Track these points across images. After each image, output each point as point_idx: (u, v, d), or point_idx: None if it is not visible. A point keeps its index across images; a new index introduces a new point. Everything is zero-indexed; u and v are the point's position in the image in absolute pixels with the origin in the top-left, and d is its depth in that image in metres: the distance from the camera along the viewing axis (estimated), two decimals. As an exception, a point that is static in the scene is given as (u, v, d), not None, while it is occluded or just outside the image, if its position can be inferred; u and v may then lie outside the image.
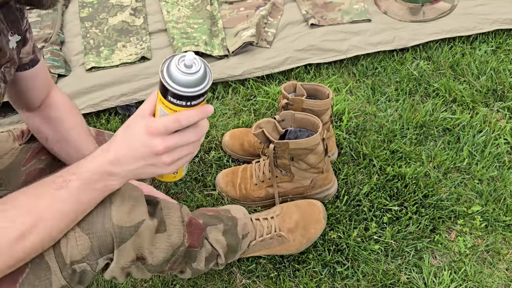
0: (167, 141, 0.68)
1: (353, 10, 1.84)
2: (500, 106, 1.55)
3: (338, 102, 1.56)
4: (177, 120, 0.67)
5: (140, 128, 0.69)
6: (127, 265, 0.83)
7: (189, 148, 0.71)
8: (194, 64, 0.66)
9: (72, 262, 0.78)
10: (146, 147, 0.68)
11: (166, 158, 0.70)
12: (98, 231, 0.77)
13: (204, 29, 1.79)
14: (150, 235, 0.84)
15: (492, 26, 1.74)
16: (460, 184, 1.36)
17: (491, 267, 1.20)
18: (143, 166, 0.71)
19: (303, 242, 1.18)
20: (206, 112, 0.68)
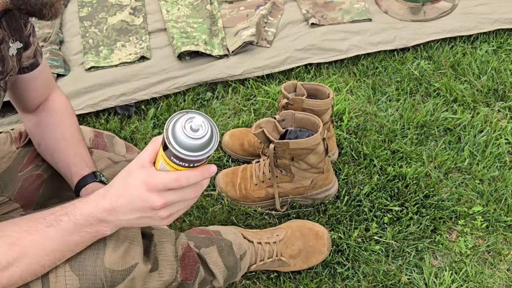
0: (166, 198, 0.68)
1: (353, 9, 1.83)
2: (501, 106, 1.55)
3: (338, 102, 1.56)
4: (177, 180, 0.66)
5: (139, 180, 0.68)
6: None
7: (187, 203, 0.70)
8: (201, 127, 0.64)
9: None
10: (144, 201, 0.68)
11: (162, 213, 0.69)
12: (88, 274, 0.76)
13: (204, 29, 1.79)
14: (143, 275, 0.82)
15: (493, 25, 1.74)
16: (461, 184, 1.35)
17: (492, 267, 1.20)
18: (138, 217, 0.70)
19: (303, 267, 1.17)
20: (208, 173, 0.67)
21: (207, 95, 1.63)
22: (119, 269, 0.77)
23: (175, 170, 0.67)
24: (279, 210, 1.28)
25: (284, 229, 1.18)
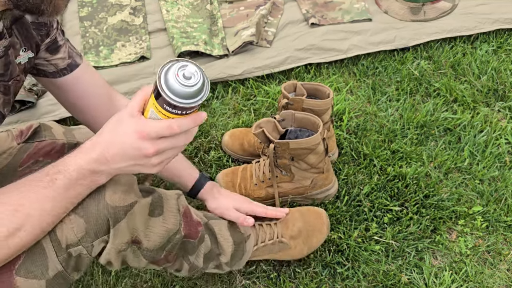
0: (158, 145, 0.69)
1: (353, 9, 1.83)
2: (501, 106, 1.55)
3: (338, 102, 1.56)
4: (169, 128, 0.68)
5: (131, 129, 0.69)
6: (122, 247, 0.84)
7: (177, 150, 0.73)
8: (194, 76, 0.65)
9: (68, 245, 0.79)
10: (137, 149, 0.69)
11: (154, 160, 0.71)
12: (92, 213, 0.78)
13: (203, 29, 1.79)
14: (144, 216, 0.85)
15: (493, 25, 1.74)
16: (461, 184, 1.35)
17: (492, 267, 1.19)
18: (130, 165, 0.72)
19: (304, 250, 1.17)
20: (200, 120, 0.69)
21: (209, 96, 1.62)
22: (121, 205, 0.80)
23: (167, 118, 0.68)
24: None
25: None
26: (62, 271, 0.81)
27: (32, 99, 1.54)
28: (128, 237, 0.83)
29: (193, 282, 1.18)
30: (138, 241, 0.86)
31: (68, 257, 0.80)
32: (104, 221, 0.80)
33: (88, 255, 0.81)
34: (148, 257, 0.89)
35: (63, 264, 0.80)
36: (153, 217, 0.87)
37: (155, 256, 0.90)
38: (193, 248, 0.98)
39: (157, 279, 1.18)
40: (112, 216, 0.80)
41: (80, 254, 0.81)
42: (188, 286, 1.18)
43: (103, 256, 0.84)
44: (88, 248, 0.80)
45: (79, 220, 0.78)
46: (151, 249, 0.88)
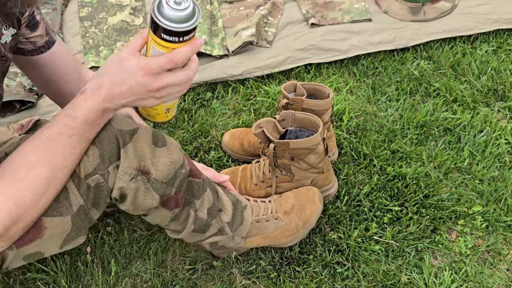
0: (161, 81, 0.74)
1: (353, 9, 1.84)
2: (501, 106, 1.55)
3: (338, 102, 1.56)
4: (171, 60, 0.72)
5: (135, 67, 0.74)
6: (133, 173, 0.87)
7: (180, 87, 0.77)
8: (183, 1, 0.71)
9: (86, 176, 0.85)
10: (142, 85, 0.75)
11: (158, 94, 0.76)
12: (103, 138, 0.85)
13: (203, 29, 1.79)
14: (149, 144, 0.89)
15: (493, 25, 1.74)
16: (460, 184, 1.35)
17: (492, 267, 1.20)
18: (135, 100, 0.78)
19: (300, 226, 1.17)
20: (197, 45, 0.74)
21: (207, 95, 1.63)
22: (125, 129, 0.87)
23: (167, 49, 0.73)
24: None
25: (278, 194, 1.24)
26: (83, 205, 0.87)
27: (32, 99, 1.54)
28: (136, 162, 0.87)
29: (193, 282, 1.18)
30: (147, 171, 0.89)
31: (88, 189, 0.86)
32: (114, 143, 0.85)
33: (105, 183, 0.87)
34: (159, 191, 0.91)
35: (84, 197, 0.86)
36: (157, 147, 0.90)
37: (166, 190, 0.92)
38: (198, 190, 1.01)
39: (157, 279, 1.18)
40: (121, 138, 0.85)
41: (97, 185, 0.86)
42: (188, 286, 1.18)
43: (117, 183, 0.88)
44: (104, 176, 0.86)
45: (93, 149, 0.84)
46: (160, 180, 0.90)
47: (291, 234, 1.17)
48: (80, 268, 1.20)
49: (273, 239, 1.18)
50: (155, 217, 0.98)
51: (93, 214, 0.91)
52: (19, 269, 1.21)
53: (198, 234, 1.07)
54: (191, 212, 1.01)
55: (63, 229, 0.88)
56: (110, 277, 1.18)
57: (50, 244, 0.90)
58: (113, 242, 1.26)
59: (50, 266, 1.20)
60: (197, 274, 1.20)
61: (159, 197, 0.92)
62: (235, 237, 1.13)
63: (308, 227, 1.18)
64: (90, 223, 0.93)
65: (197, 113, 1.57)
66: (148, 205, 0.92)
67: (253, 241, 1.17)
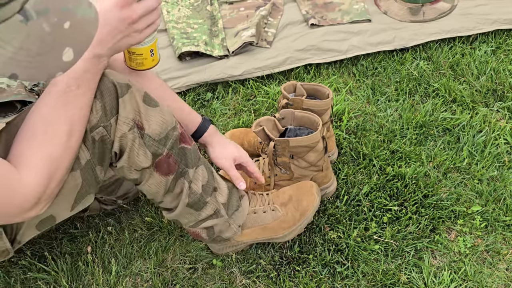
0: (137, 10, 0.82)
1: (353, 10, 1.84)
2: (500, 106, 1.55)
3: (338, 102, 1.56)
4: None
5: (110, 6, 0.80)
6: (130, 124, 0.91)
7: (154, 15, 0.85)
8: None
9: (91, 128, 0.89)
10: (122, 20, 0.81)
11: (138, 25, 0.83)
12: (103, 90, 0.89)
13: (204, 29, 1.80)
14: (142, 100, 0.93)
15: (492, 26, 1.74)
16: (460, 184, 1.36)
17: (491, 267, 1.20)
18: (121, 38, 0.84)
19: (297, 217, 1.18)
20: None
21: (208, 96, 1.63)
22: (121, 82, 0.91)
23: None
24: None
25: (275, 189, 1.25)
26: (90, 159, 0.91)
27: (33, 99, 1.55)
28: (132, 113, 0.91)
29: (193, 281, 1.19)
30: (141, 125, 0.92)
31: (93, 143, 0.90)
32: (113, 94, 0.89)
33: (108, 135, 0.90)
34: (152, 148, 0.95)
35: (90, 152, 0.90)
36: (150, 106, 0.94)
37: (158, 149, 0.95)
38: (192, 159, 1.02)
39: (157, 279, 1.19)
40: (118, 87, 0.90)
41: (101, 138, 0.90)
42: (188, 285, 1.18)
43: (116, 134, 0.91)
44: (107, 128, 0.90)
45: (95, 102, 0.88)
46: (152, 137, 0.94)
47: (288, 226, 1.18)
48: (81, 267, 1.21)
49: (270, 231, 1.18)
50: (149, 183, 1.00)
51: (98, 171, 0.94)
52: (20, 269, 1.22)
53: (193, 211, 1.07)
54: (185, 184, 1.03)
55: (74, 184, 0.91)
56: (110, 277, 1.18)
57: (63, 204, 0.93)
58: (113, 241, 1.26)
59: (51, 265, 1.21)
60: (197, 273, 1.20)
61: (151, 155, 0.95)
62: (231, 223, 1.13)
63: (305, 220, 1.19)
64: (97, 182, 0.96)
65: (197, 113, 1.57)
66: (141, 162, 0.95)
67: (251, 234, 1.17)
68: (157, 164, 0.97)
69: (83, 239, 1.27)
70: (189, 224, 1.11)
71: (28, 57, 0.59)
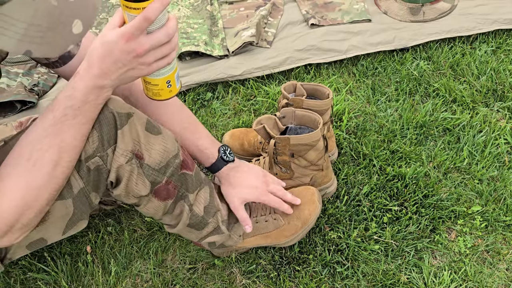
0: (143, 44, 0.75)
1: (353, 10, 1.84)
2: (500, 106, 1.55)
3: (338, 102, 1.56)
4: (144, 18, 0.72)
5: (115, 37, 0.74)
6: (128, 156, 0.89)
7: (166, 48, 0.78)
8: None
9: (86, 158, 0.86)
10: (126, 52, 0.75)
11: (145, 59, 0.77)
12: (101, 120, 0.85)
13: (204, 29, 1.79)
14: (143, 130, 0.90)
15: (492, 26, 1.74)
16: (460, 184, 1.36)
17: (491, 267, 1.20)
18: (126, 70, 0.78)
19: (299, 226, 1.17)
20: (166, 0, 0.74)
21: (208, 96, 1.63)
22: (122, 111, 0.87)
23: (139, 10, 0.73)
24: None
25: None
26: (84, 187, 0.88)
27: (33, 99, 1.55)
28: (131, 145, 0.88)
29: (194, 281, 1.19)
30: (140, 155, 0.90)
31: (88, 172, 0.87)
32: (112, 125, 0.86)
33: (104, 165, 0.88)
34: (150, 177, 0.92)
35: (84, 180, 0.88)
36: (152, 134, 0.91)
37: (157, 178, 0.93)
38: (192, 184, 1.00)
39: (157, 279, 1.19)
40: (117, 118, 0.86)
41: (97, 167, 0.88)
42: (189, 286, 1.18)
43: (113, 165, 0.89)
44: (103, 158, 0.87)
45: (92, 132, 0.85)
46: (152, 166, 0.92)
47: (290, 234, 1.18)
48: (81, 268, 1.21)
49: (272, 239, 1.18)
50: (147, 207, 0.99)
51: (93, 198, 0.92)
52: (20, 269, 1.22)
53: (194, 230, 1.07)
54: (186, 207, 1.01)
55: (65, 212, 0.89)
56: (110, 277, 1.18)
57: (53, 229, 0.91)
58: (113, 242, 1.26)
59: (50, 266, 1.21)
60: (197, 273, 1.20)
61: (150, 184, 0.93)
62: (232, 235, 1.13)
63: (307, 228, 1.18)
64: (91, 208, 0.93)
65: (197, 113, 1.57)
66: (139, 190, 0.93)
67: (252, 241, 1.17)
68: (155, 191, 0.95)
69: (83, 240, 1.27)
70: (191, 240, 1.12)
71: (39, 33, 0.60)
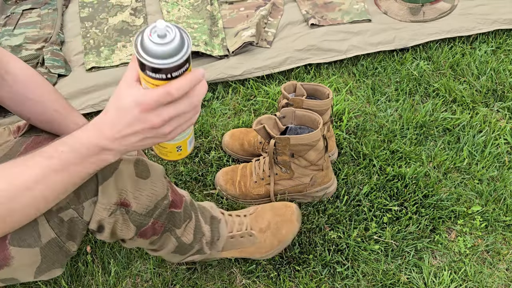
0: (163, 116, 0.65)
1: (353, 10, 1.84)
2: (500, 106, 1.55)
3: (338, 102, 1.56)
4: (168, 93, 0.63)
5: (131, 104, 0.65)
6: (111, 209, 0.83)
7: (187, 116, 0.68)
8: (168, 32, 0.61)
9: (58, 209, 0.78)
10: (143, 123, 0.66)
11: (164, 129, 0.67)
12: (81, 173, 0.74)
13: (204, 29, 1.79)
14: (132, 177, 0.84)
15: (492, 26, 1.74)
16: (460, 184, 1.36)
17: (491, 267, 1.20)
18: (142, 139, 0.68)
19: (275, 244, 1.16)
20: (196, 78, 0.64)
21: (208, 95, 1.63)
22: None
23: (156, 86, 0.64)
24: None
25: (255, 207, 1.21)
26: (55, 237, 0.80)
27: (33, 99, 1.54)
28: (115, 197, 0.82)
29: (193, 281, 1.19)
30: (127, 203, 0.85)
31: (60, 223, 0.79)
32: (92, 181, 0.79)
33: (80, 218, 0.80)
34: (136, 222, 0.88)
35: (56, 230, 0.79)
36: (141, 179, 0.86)
37: (143, 221, 0.89)
38: (180, 220, 0.98)
39: (157, 279, 1.19)
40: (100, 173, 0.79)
41: (72, 219, 0.80)
42: (188, 286, 1.18)
43: (94, 218, 0.82)
44: (78, 210, 0.80)
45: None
46: (139, 212, 0.87)
47: (266, 251, 1.17)
48: (81, 268, 1.21)
49: (247, 253, 1.17)
50: (132, 245, 0.97)
51: (70, 246, 0.85)
52: (20, 269, 1.22)
53: (178, 255, 1.06)
54: (172, 238, 0.99)
55: (31, 261, 0.82)
56: (110, 277, 1.18)
57: (22, 273, 0.84)
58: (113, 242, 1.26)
59: (50, 265, 1.21)
60: (197, 273, 1.20)
61: (135, 228, 0.90)
62: (212, 253, 1.12)
63: (283, 245, 1.18)
64: (68, 256, 0.86)
65: (197, 113, 1.57)
66: (124, 235, 0.90)
67: (228, 254, 1.16)
68: (141, 233, 0.92)
69: (83, 239, 1.27)
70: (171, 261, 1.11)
71: None
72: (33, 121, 0.98)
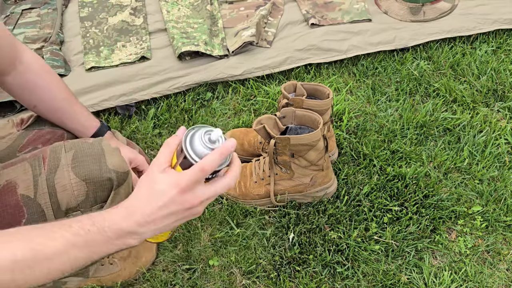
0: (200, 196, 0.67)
1: (353, 10, 1.84)
2: (500, 106, 1.55)
3: (338, 102, 1.56)
4: (202, 170, 0.65)
5: (168, 187, 0.66)
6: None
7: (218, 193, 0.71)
8: (218, 140, 0.66)
9: (68, 209, 0.80)
10: (181, 204, 0.67)
11: (198, 209, 0.69)
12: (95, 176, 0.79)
13: (204, 29, 1.79)
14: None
15: (493, 26, 1.74)
16: (460, 184, 1.36)
17: (492, 267, 1.20)
18: (173, 221, 0.69)
19: (133, 272, 1.18)
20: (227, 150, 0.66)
21: (207, 95, 1.63)
22: (120, 171, 0.83)
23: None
24: (274, 203, 1.28)
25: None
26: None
27: (32, 99, 1.54)
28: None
29: (193, 282, 1.18)
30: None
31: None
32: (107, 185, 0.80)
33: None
34: None
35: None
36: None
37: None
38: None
39: (157, 279, 1.19)
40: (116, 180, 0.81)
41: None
42: (188, 286, 1.18)
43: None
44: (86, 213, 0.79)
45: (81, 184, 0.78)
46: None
47: (122, 278, 1.18)
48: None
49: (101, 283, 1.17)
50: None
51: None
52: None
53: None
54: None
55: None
56: (110, 277, 1.18)
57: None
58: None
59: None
60: (197, 273, 1.20)
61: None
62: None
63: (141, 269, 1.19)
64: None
65: (197, 113, 1.57)
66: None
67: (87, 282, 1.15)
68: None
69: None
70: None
71: None
72: (39, 109, 1.01)
